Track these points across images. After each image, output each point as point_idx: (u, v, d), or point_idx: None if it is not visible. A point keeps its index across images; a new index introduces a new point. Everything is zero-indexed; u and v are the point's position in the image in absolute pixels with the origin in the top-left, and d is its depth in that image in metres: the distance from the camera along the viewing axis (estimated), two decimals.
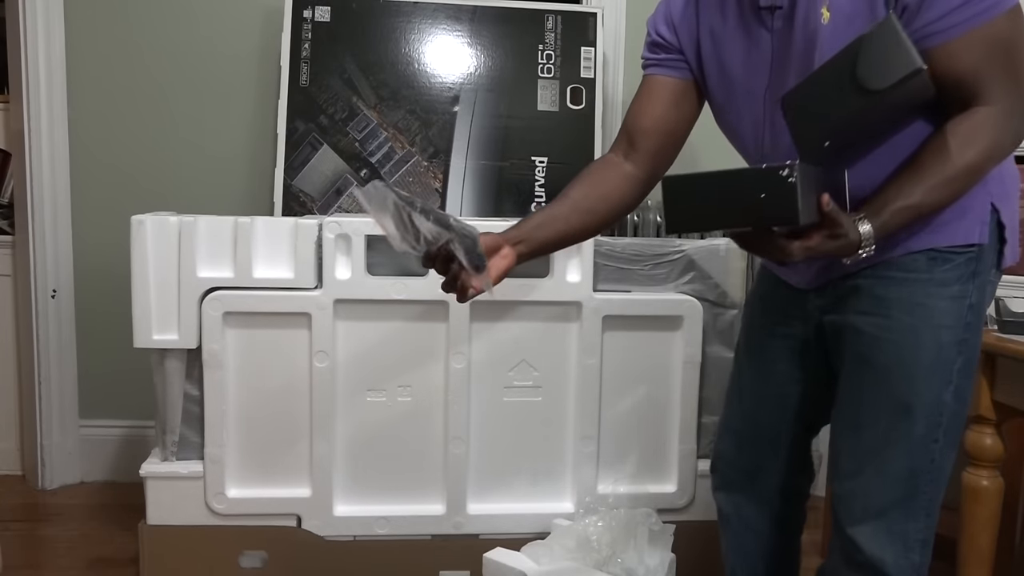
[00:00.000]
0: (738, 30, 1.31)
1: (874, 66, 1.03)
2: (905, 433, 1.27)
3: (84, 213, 2.74)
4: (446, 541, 2.09)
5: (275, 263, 2.00)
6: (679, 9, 1.39)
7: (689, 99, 1.42)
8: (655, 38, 1.42)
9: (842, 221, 1.11)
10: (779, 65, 1.27)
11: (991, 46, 1.13)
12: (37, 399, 2.73)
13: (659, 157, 1.42)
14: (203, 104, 2.74)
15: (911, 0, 1.13)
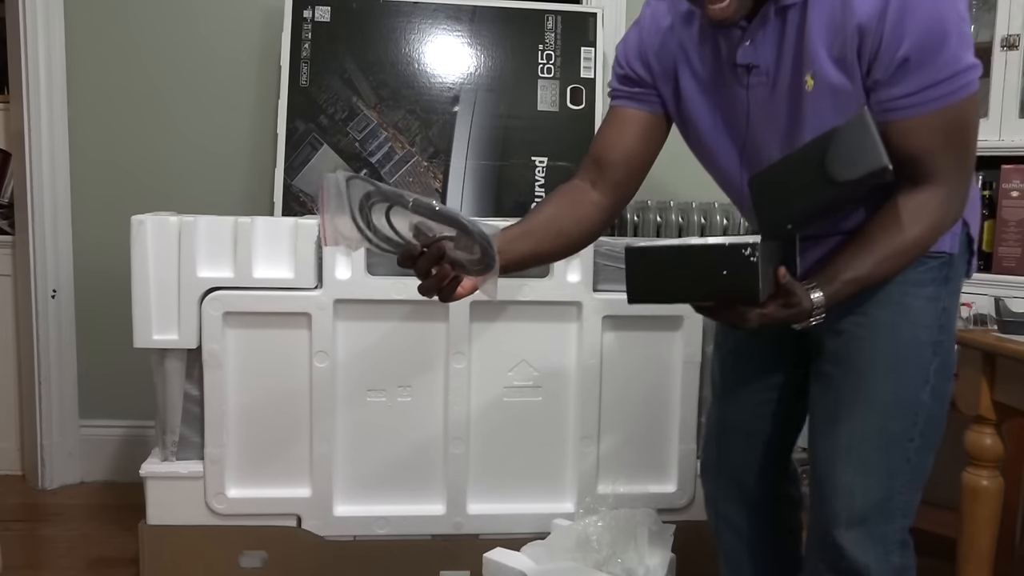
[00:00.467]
0: (715, 80, 1.32)
1: (843, 159, 1.05)
2: (880, 429, 1.28)
3: (84, 213, 2.74)
4: (446, 541, 2.09)
5: (275, 263, 2.00)
6: (654, 44, 1.37)
7: (658, 132, 1.42)
8: (627, 72, 1.40)
9: (797, 292, 1.15)
10: (758, 123, 1.28)
11: (947, 128, 1.17)
12: (37, 399, 2.73)
13: (625, 187, 1.42)
14: (203, 104, 2.74)
15: (881, 75, 1.15)
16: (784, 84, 1.22)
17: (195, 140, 2.75)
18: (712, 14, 1.18)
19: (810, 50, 1.18)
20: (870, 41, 1.13)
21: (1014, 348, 1.61)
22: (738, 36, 1.24)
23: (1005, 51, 2.46)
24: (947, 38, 1.12)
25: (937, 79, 1.14)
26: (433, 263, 1.20)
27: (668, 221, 2.64)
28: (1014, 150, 2.47)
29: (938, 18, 1.11)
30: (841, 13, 1.15)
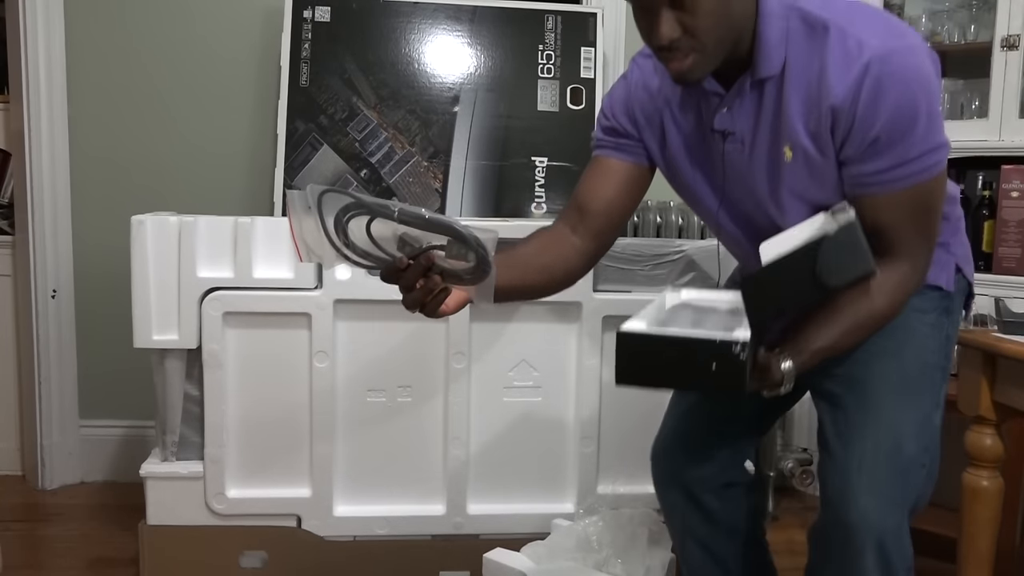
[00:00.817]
0: (696, 139, 1.34)
1: (833, 265, 1.09)
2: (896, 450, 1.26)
3: (84, 213, 2.74)
4: (446, 541, 2.09)
5: (275, 263, 2.00)
6: (641, 99, 1.38)
7: (640, 183, 1.43)
8: (613, 123, 1.41)
9: (772, 367, 1.17)
10: (733, 183, 1.32)
11: (915, 205, 1.21)
12: (37, 399, 2.73)
13: (605, 236, 1.43)
14: (203, 104, 2.74)
15: (852, 153, 1.18)
16: (763, 152, 1.26)
17: (195, 140, 2.75)
18: (671, 70, 1.19)
19: (788, 123, 1.20)
20: (843, 121, 1.16)
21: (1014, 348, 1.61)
22: (716, 103, 1.27)
23: (1005, 51, 2.46)
24: (917, 119, 1.15)
25: (906, 159, 1.17)
26: (420, 275, 1.16)
27: (668, 221, 2.64)
28: (1014, 150, 2.47)
29: (909, 101, 1.14)
30: (816, 91, 1.17)
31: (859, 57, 1.14)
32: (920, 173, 1.19)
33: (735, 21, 1.16)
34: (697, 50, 1.15)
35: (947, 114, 2.71)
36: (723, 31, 1.15)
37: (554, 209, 2.62)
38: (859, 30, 1.15)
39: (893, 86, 1.13)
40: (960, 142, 2.58)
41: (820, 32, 1.17)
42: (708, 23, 1.13)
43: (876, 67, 1.13)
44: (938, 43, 2.72)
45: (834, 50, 1.15)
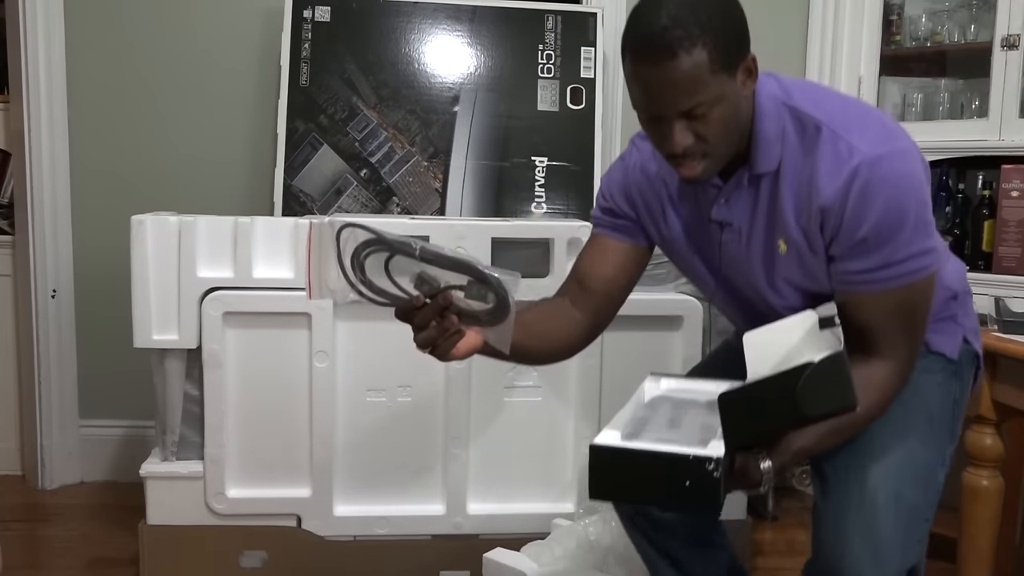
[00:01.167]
0: (695, 225, 1.36)
1: (814, 393, 1.05)
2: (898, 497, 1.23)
3: (84, 213, 2.74)
4: (446, 541, 2.09)
5: (275, 263, 2.00)
6: (640, 182, 1.40)
7: (639, 262, 1.45)
8: (611, 205, 1.42)
9: (749, 467, 1.13)
10: (729, 270, 1.34)
11: (900, 306, 1.21)
12: (37, 399, 2.73)
13: (604, 312, 1.44)
14: (203, 104, 2.74)
15: (840, 251, 1.20)
16: (759, 244, 1.28)
17: (195, 140, 2.74)
18: (682, 175, 1.21)
19: (782, 218, 1.23)
20: (831, 221, 1.19)
21: (1014, 348, 1.62)
22: (713, 194, 1.29)
23: (1005, 51, 2.46)
24: (904, 223, 1.16)
25: (892, 260, 1.18)
26: (436, 314, 1.16)
27: None
28: (1014, 150, 2.47)
29: (898, 205, 1.16)
30: (807, 190, 1.20)
31: (849, 161, 1.16)
32: (906, 275, 1.19)
33: (741, 124, 1.20)
34: (707, 155, 1.18)
35: (947, 114, 2.72)
36: (732, 136, 1.19)
37: (554, 209, 2.62)
38: (851, 133, 1.18)
39: (882, 190, 1.15)
40: (960, 142, 2.59)
41: (812, 133, 1.20)
42: (719, 130, 1.16)
43: (865, 171, 1.15)
44: (938, 43, 2.72)
45: (825, 152, 1.18)
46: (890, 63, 2.77)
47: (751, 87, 1.20)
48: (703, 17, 1.13)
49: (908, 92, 2.79)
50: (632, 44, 1.16)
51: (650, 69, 1.13)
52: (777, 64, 3.13)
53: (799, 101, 1.23)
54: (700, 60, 1.12)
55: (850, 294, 1.21)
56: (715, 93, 1.14)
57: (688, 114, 1.15)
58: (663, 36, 1.11)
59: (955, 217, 2.71)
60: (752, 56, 1.20)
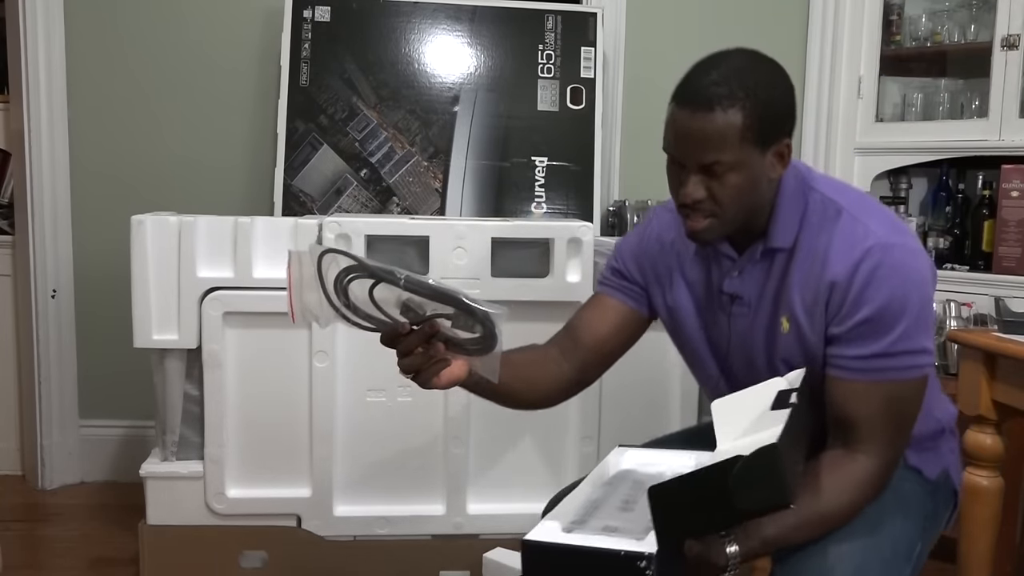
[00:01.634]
0: (705, 300, 1.36)
1: (747, 487, 1.00)
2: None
3: (84, 213, 2.74)
4: (446, 541, 2.09)
5: (275, 263, 2.00)
6: (653, 251, 1.42)
7: (635, 329, 1.45)
8: (620, 267, 1.45)
9: (712, 551, 1.08)
10: (736, 349, 1.33)
11: (890, 402, 1.20)
12: (37, 399, 2.73)
13: (591, 370, 1.45)
14: (203, 104, 2.74)
15: (838, 331, 1.20)
16: (763, 319, 1.28)
17: (195, 140, 2.75)
18: (687, 226, 1.24)
19: (788, 295, 1.24)
20: (837, 297, 1.20)
21: (1014, 348, 1.61)
22: (728, 266, 1.31)
23: (1005, 51, 2.46)
24: (905, 315, 1.17)
25: (888, 351, 1.18)
26: (422, 342, 1.15)
27: None
28: (1014, 150, 2.47)
29: (902, 295, 1.17)
30: (820, 267, 1.21)
31: (864, 241, 1.19)
32: (900, 370, 1.19)
33: (756, 199, 1.22)
34: (716, 215, 1.21)
35: (947, 114, 2.72)
36: (743, 205, 1.21)
37: (554, 209, 2.62)
38: (869, 219, 1.21)
39: (890, 276, 1.17)
40: (960, 142, 2.59)
41: (832, 214, 1.23)
42: (731, 195, 1.19)
43: (878, 253, 1.18)
44: (938, 43, 2.72)
45: (843, 230, 1.21)
46: (890, 63, 2.77)
47: (779, 171, 1.23)
48: (752, 85, 1.17)
49: (908, 92, 2.80)
50: (678, 89, 1.22)
51: (685, 115, 1.19)
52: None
53: (822, 186, 1.27)
54: (733, 122, 1.16)
55: (843, 381, 1.21)
56: (737, 158, 1.17)
57: (707, 169, 1.18)
58: (707, 89, 1.17)
59: (955, 217, 2.71)
60: (788, 142, 1.23)
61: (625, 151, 2.84)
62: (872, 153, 2.77)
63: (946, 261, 2.66)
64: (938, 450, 1.37)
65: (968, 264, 2.60)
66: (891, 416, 1.20)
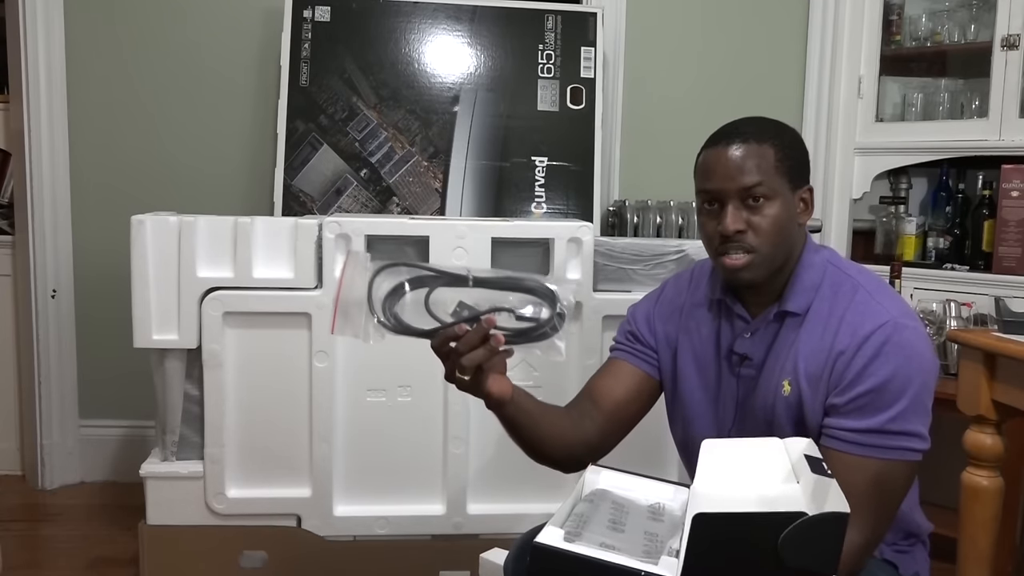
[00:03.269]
0: (711, 365, 1.37)
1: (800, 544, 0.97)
2: None
3: (84, 213, 2.74)
4: (446, 541, 2.09)
5: (275, 263, 2.00)
6: (664, 313, 1.44)
7: (650, 394, 1.46)
8: (633, 329, 1.47)
9: None
10: (741, 411, 1.34)
11: (879, 481, 1.21)
12: (37, 399, 2.73)
13: (609, 437, 1.45)
14: (203, 104, 2.74)
15: (838, 401, 1.22)
16: (765, 381, 1.30)
17: (195, 140, 2.75)
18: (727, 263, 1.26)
19: (794, 360, 1.27)
20: (841, 366, 1.22)
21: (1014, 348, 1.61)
22: (741, 327, 1.34)
23: (1005, 51, 2.46)
24: (904, 395, 1.20)
25: (885, 429, 1.20)
26: (482, 339, 1.15)
27: (668, 221, 2.64)
28: (1014, 150, 2.47)
29: (906, 374, 1.20)
30: (830, 337, 1.24)
31: (877, 316, 1.22)
32: (894, 450, 1.21)
33: (789, 243, 1.27)
34: (755, 252, 1.24)
35: (947, 114, 2.72)
36: (779, 242, 1.25)
37: (554, 209, 2.62)
38: (884, 298, 1.26)
39: (897, 353, 1.20)
40: (960, 142, 2.59)
41: (848, 289, 1.27)
42: (770, 228, 1.23)
43: (889, 329, 1.21)
44: (938, 43, 2.72)
45: (858, 305, 1.25)
46: (890, 63, 2.77)
47: (805, 218, 1.29)
48: (779, 131, 1.27)
49: (908, 92, 2.79)
50: (708, 140, 1.28)
51: (719, 149, 1.25)
52: (777, 64, 3.14)
53: (842, 264, 1.32)
54: (767, 153, 1.23)
55: (835, 452, 1.22)
56: (775, 187, 1.23)
57: (746, 196, 1.23)
58: (739, 129, 1.25)
59: (955, 217, 2.71)
60: (811, 188, 1.30)
61: (625, 151, 2.84)
62: (872, 153, 2.77)
63: (946, 261, 2.66)
64: (913, 555, 1.39)
65: (968, 264, 2.60)
66: (878, 495, 1.21)
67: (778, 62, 2.88)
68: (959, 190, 2.71)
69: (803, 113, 2.86)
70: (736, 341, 1.34)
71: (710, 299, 1.38)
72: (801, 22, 2.86)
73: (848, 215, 2.83)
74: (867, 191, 2.80)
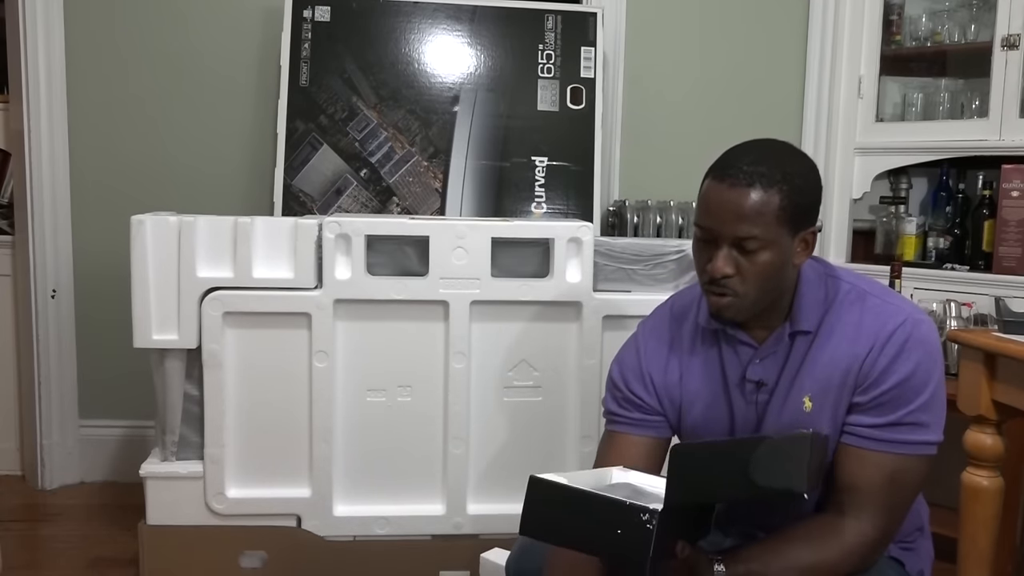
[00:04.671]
0: (721, 398, 1.35)
1: (768, 467, 1.04)
2: None
3: (84, 213, 2.74)
4: (446, 541, 2.09)
5: (275, 263, 2.00)
6: (658, 367, 1.38)
7: (661, 454, 1.39)
8: (626, 394, 1.39)
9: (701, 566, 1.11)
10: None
11: (894, 476, 1.23)
12: (37, 399, 2.73)
13: None
14: (203, 104, 2.74)
15: (860, 399, 1.24)
16: (780, 402, 1.30)
17: (195, 140, 2.75)
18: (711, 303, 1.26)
19: (810, 376, 1.27)
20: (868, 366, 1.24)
21: (1014, 348, 1.61)
22: (749, 354, 1.31)
23: (1005, 51, 2.46)
24: (927, 388, 1.23)
25: (904, 422, 1.22)
26: None
27: (668, 221, 2.64)
28: (1014, 150, 2.47)
29: (927, 368, 1.23)
30: (849, 343, 1.25)
31: (895, 316, 1.24)
32: (911, 445, 1.23)
33: (779, 284, 1.25)
34: (740, 295, 1.23)
35: (947, 114, 2.72)
36: (768, 287, 1.24)
37: (554, 209, 2.62)
38: (895, 299, 1.29)
39: (918, 348, 1.23)
40: (960, 142, 2.59)
41: (856, 297, 1.28)
42: (760, 274, 1.22)
43: (910, 326, 1.23)
44: (938, 43, 2.72)
45: (872, 309, 1.26)
46: (890, 63, 2.77)
47: (802, 259, 1.27)
48: (789, 172, 1.21)
49: (908, 92, 2.79)
50: (715, 166, 1.24)
51: (722, 189, 1.20)
52: (777, 64, 3.14)
53: (844, 275, 1.32)
54: (771, 201, 1.19)
55: (855, 449, 1.24)
56: (771, 237, 1.20)
57: (740, 244, 1.21)
58: (746, 167, 1.20)
59: (955, 217, 2.71)
60: (815, 231, 1.27)
61: (625, 151, 2.84)
62: (872, 153, 2.76)
63: (946, 261, 2.66)
64: (917, 551, 1.39)
65: (968, 264, 2.60)
66: (894, 489, 1.23)
67: (778, 62, 2.87)
68: (959, 190, 2.71)
69: (803, 113, 2.86)
70: (748, 368, 1.31)
71: (705, 329, 1.34)
72: (801, 22, 2.86)
73: (848, 215, 2.83)
74: (867, 191, 2.80)
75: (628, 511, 1.03)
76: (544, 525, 1.09)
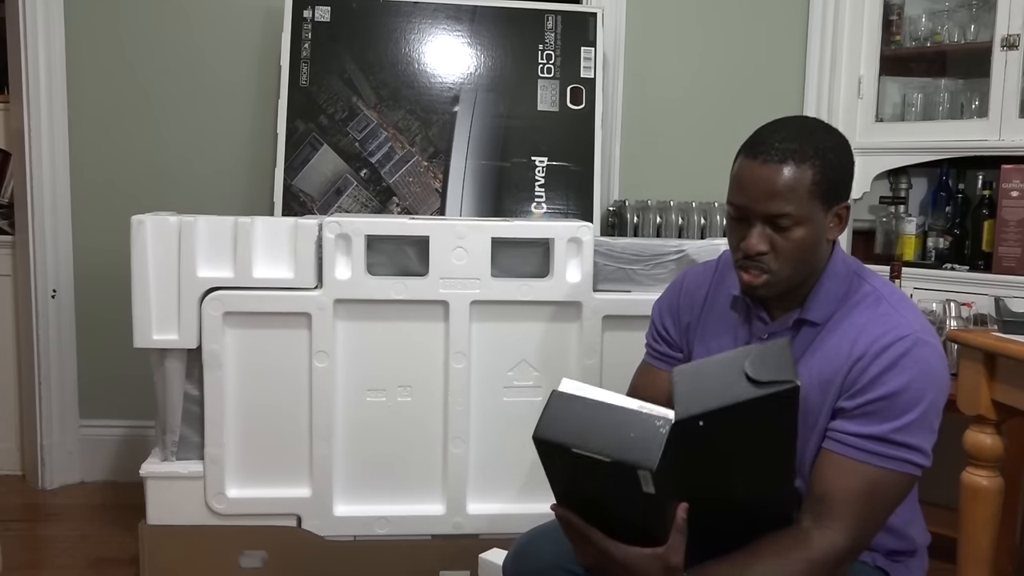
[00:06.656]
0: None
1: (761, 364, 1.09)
2: None
3: (84, 213, 2.74)
4: (446, 541, 2.09)
5: (275, 263, 2.00)
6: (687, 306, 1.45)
7: None
8: (659, 328, 1.49)
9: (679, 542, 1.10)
10: None
11: (871, 489, 1.20)
12: (37, 399, 2.73)
13: None
14: (203, 104, 2.74)
15: (846, 405, 1.23)
16: None
17: (195, 140, 2.75)
18: (745, 279, 1.27)
19: (807, 366, 1.26)
20: (857, 371, 1.22)
21: (1014, 348, 1.61)
22: (759, 328, 1.34)
23: (1005, 51, 2.46)
24: (916, 408, 1.19)
25: (889, 438, 1.19)
26: None
27: (668, 221, 2.64)
28: (1014, 150, 2.47)
29: (920, 387, 1.20)
30: (849, 344, 1.24)
31: (898, 329, 1.22)
32: (893, 461, 1.20)
33: (813, 260, 1.26)
34: (774, 272, 1.24)
35: (947, 114, 2.72)
36: (801, 264, 1.25)
37: (554, 209, 2.62)
38: (907, 313, 1.25)
39: (914, 367, 1.20)
40: (960, 142, 2.59)
41: (872, 301, 1.27)
42: (794, 250, 1.22)
43: (910, 343, 1.20)
44: (938, 43, 2.72)
45: (880, 316, 1.25)
46: (890, 63, 2.77)
47: (836, 233, 1.27)
48: (821, 147, 1.21)
49: (908, 92, 2.80)
50: (748, 143, 1.24)
51: (755, 166, 1.21)
52: (777, 64, 3.14)
53: (869, 277, 1.31)
54: (804, 177, 1.19)
55: (835, 455, 1.22)
56: (805, 212, 1.20)
57: (772, 221, 1.21)
58: (778, 144, 1.20)
59: (955, 217, 2.71)
60: (848, 205, 1.27)
61: (625, 151, 2.84)
62: (872, 153, 2.76)
63: (946, 261, 2.66)
64: (908, 566, 1.37)
65: (968, 264, 2.60)
66: (869, 502, 1.20)
67: (778, 62, 2.88)
68: (959, 190, 2.71)
69: (803, 113, 2.85)
70: (752, 342, 1.33)
71: (734, 295, 1.38)
72: (801, 22, 2.86)
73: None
74: (867, 191, 2.80)
75: (644, 418, 1.06)
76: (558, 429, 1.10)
